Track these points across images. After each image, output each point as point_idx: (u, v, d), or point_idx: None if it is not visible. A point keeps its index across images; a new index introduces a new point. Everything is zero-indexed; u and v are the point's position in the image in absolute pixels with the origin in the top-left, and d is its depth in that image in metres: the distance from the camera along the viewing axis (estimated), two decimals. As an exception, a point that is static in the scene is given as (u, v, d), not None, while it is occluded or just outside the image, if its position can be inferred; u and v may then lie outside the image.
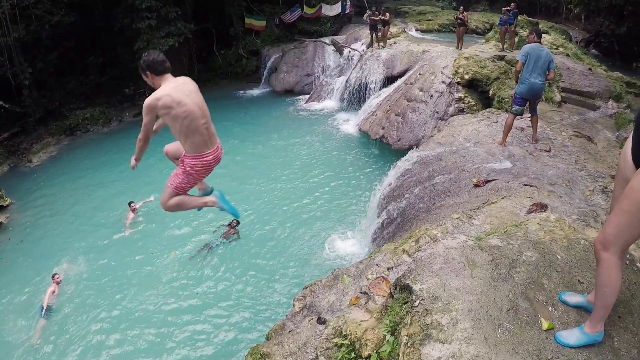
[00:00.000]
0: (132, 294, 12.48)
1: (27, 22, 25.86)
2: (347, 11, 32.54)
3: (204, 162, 5.49)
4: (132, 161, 5.87)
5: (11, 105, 27.34)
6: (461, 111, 14.79)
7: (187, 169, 5.44)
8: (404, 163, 11.87)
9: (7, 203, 19.88)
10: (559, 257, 4.37)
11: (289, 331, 6.18)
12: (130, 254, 14.38)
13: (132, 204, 15.35)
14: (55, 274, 13.59)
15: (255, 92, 27.32)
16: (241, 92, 27.62)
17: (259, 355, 6.23)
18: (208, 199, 6.03)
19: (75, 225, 17.25)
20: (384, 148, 15.57)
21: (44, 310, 12.49)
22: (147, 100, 4.92)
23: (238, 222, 13.74)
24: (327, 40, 26.58)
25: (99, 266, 14.20)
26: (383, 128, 15.82)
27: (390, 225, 9.91)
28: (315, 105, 22.40)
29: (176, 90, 5.03)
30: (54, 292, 13.14)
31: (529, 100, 10.31)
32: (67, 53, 29.15)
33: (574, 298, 3.87)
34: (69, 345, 11.68)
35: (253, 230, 13.73)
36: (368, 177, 14.50)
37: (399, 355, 4.10)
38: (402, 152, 14.00)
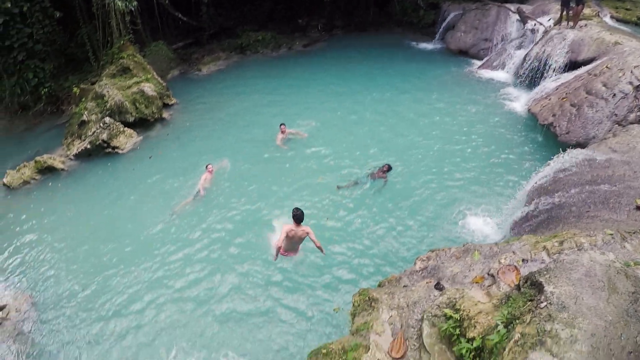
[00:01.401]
0: (265, 199, 13.74)
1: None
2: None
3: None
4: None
5: (189, 18, 29.57)
6: (644, 121, 13.32)
7: None
8: (567, 158, 11.02)
9: (172, 102, 22.22)
10: None
11: (404, 286, 6.34)
12: (276, 168, 15.56)
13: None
14: (209, 164, 15.46)
15: (428, 46, 26.55)
16: (413, 43, 27.03)
17: (367, 298, 6.52)
18: None
19: (229, 133, 18.87)
20: (549, 137, 14.52)
21: (196, 192, 14.66)
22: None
23: (389, 169, 14.04)
24: (512, 7, 24.68)
25: (245, 171, 15.66)
26: (554, 115, 14.68)
27: (534, 219, 9.45)
28: (487, 73, 21.23)
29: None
30: (205, 179, 15.11)
31: None
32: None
33: None
34: (199, 222, 13.45)
35: (398, 180, 13.92)
36: (524, 163, 13.73)
37: (504, 349, 4.07)
38: (566, 146, 13.02)
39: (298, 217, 9.53)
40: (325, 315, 9.70)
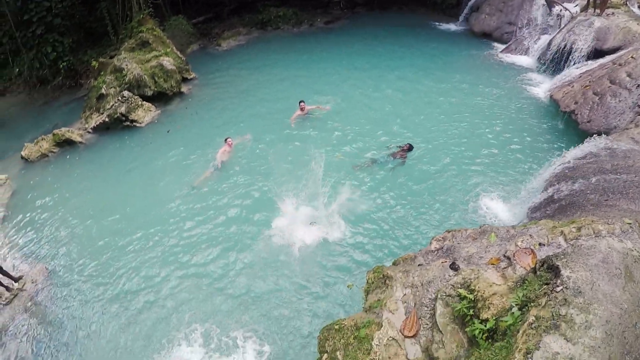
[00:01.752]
0: (283, 176, 13.65)
1: None
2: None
3: None
4: None
5: (209, -7, 29.32)
6: (667, 114, 13.12)
7: None
8: (588, 146, 10.92)
9: (191, 77, 22.22)
10: None
11: (419, 265, 6.37)
12: (291, 146, 15.60)
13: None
14: (229, 138, 15.58)
15: (451, 27, 26.13)
16: (436, 23, 26.61)
17: (381, 275, 6.56)
18: None
19: (248, 108, 18.84)
20: (569, 124, 14.33)
21: (213, 164, 14.91)
22: None
23: (410, 148, 14.01)
24: None
25: (263, 147, 15.69)
26: (576, 102, 14.47)
27: (552, 204, 9.39)
28: (510, 58, 20.91)
29: None
30: (224, 151, 15.31)
31: None
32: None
33: None
34: (216, 197, 13.62)
35: (417, 161, 13.86)
36: (543, 149, 13.58)
37: (518, 331, 4.08)
38: (587, 135, 12.88)
39: None
40: (339, 294, 9.77)
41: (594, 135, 11.44)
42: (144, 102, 19.39)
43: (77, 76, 23.98)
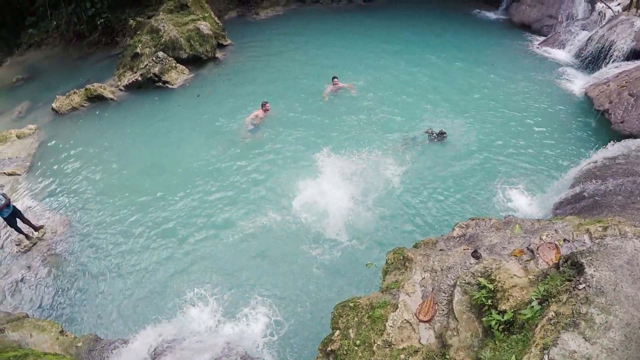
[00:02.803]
0: (311, 148, 13.86)
1: None
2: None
3: None
4: None
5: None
6: None
7: None
8: (620, 147, 10.67)
9: (226, 43, 22.22)
10: None
11: (440, 250, 6.33)
12: (324, 119, 15.62)
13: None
14: (267, 102, 15.83)
15: (491, 15, 25.39)
16: (476, 11, 25.88)
17: (401, 257, 6.54)
18: None
19: (280, 79, 18.80)
20: (602, 123, 13.96)
21: (246, 126, 15.31)
22: None
23: (442, 134, 13.87)
24: None
25: (294, 118, 15.78)
26: (610, 102, 14.09)
27: (578, 202, 9.24)
28: (548, 51, 20.30)
29: None
30: (257, 115, 15.56)
31: None
32: None
33: None
34: (242, 162, 13.85)
35: (445, 146, 13.71)
36: (574, 146, 13.26)
37: (536, 326, 4.04)
38: (619, 135, 12.58)
39: None
40: (357, 272, 9.82)
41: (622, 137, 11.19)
42: (178, 65, 19.52)
43: (114, 34, 24.12)
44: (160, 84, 18.72)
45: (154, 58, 18.85)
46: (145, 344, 7.83)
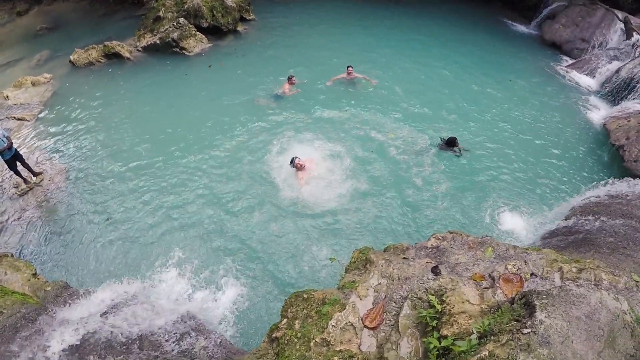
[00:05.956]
0: (323, 136, 13.72)
1: None
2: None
3: None
4: None
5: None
6: None
7: None
8: (624, 185, 10.26)
9: (250, 18, 21.98)
10: None
11: (403, 258, 6.04)
12: (333, 110, 15.23)
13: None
14: (293, 76, 16.14)
15: (523, 29, 24.42)
16: (509, 22, 24.94)
17: (364, 257, 6.30)
18: None
19: (298, 62, 18.47)
20: (615, 158, 13.30)
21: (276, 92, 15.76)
22: None
23: (452, 141, 13.27)
24: (620, 15, 22.21)
25: (307, 104, 15.47)
26: (627, 138, 13.45)
27: (568, 236, 8.84)
28: (574, 74, 19.50)
29: None
30: (287, 89, 15.85)
31: None
32: None
33: None
34: (248, 136, 13.79)
35: (453, 156, 13.14)
36: (580, 176, 12.64)
37: (467, 360, 3.73)
38: (630, 173, 11.95)
39: None
40: (326, 264, 9.70)
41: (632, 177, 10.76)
42: (198, 33, 19.36)
43: (141, -7, 24.00)
44: (177, 49, 18.59)
45: (175, 23, 18.68)
46: (107, 297, 7.75)
